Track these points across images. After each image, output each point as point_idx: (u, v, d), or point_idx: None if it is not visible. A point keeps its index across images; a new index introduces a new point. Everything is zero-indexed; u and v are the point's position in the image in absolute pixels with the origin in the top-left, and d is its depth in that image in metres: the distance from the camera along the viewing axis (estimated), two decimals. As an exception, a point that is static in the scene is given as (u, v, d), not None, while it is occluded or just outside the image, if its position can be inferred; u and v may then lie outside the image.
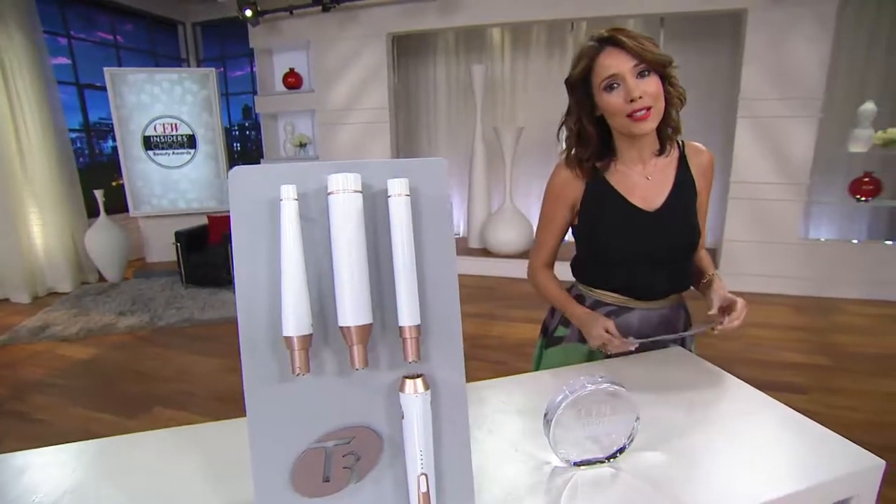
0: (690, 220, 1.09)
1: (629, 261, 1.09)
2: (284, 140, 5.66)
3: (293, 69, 5.40)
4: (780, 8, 3.83)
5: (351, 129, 5.23)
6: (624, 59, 0.94)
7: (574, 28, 5.02)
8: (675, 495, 0.65)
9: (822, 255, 4.09)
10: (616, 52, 0.95)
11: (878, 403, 2.47)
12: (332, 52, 5.06)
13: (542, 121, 5.19)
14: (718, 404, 0.87)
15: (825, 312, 3.75)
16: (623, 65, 0.94)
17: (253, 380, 0.54)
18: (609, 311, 1.14)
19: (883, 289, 3.99)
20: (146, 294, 4.31)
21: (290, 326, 0.52)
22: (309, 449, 0.55)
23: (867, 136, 3.82)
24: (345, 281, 0.53)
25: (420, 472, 0.55)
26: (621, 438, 0.72)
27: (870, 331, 3.42)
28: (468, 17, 4.65)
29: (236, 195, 0.54)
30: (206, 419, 2.38)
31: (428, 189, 0.59)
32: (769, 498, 0.65)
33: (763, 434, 0.79)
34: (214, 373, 2.91)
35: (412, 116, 5.77)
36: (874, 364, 2.90)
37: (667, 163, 1.08)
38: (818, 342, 3.20)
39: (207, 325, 3.66)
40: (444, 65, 5.54)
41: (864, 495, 0.75)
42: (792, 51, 3.87)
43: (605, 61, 0.96)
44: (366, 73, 5.03)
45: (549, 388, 0.95)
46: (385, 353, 0.58)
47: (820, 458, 0.73)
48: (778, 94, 3.92)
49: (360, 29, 4.92)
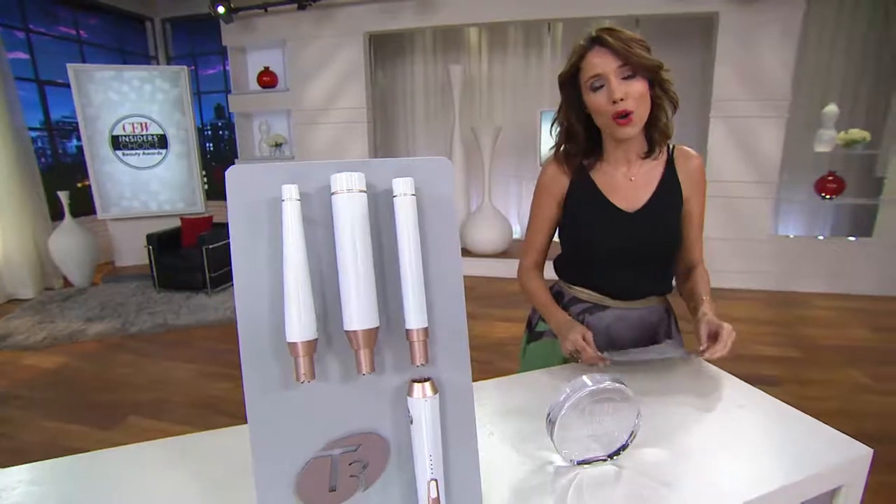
0: (670, 223, 1.08)
1: (606, 259, 1.10)
2: (259, 140, 5.55)
3: (268, 68, 5.30)
4: (748, 12, 3.95)
5: (328, 129, 5.16)
6: (609, 60, 0.94)
7: (551, 29, 5.07)
8: (678, 492, 0.66)
9: (790, 250, 4.24)
10: (603, 51, 0.95)
11: (846, 393, 2.57)
12: (309, 50, 4.99)
13: (520, 121, 5.23)
14: (713, 399, 0.89)
15: (794, 306, 3.89)
16: (608, 65, 0.95)
17: (254, 388, 0.52)
18: (584, 308, 1.15)
19: (846, 282, 4.16)
20: (116, 299, 4.15)
21: (295, 332, 0.50)
22: (314, 458, 0.53)
23: (830, 137, 3.98)
24: (351, 284, 0.51)
25: (430, 478, 0.53)
26: (623, 436, 0.72)
27: (835, 323, 3.55)
28: (445, 17, 4.65)
29: (234, 195, 0.52)
30: (185, 428, 2.32)
31: (432, 188, 0.57)
32: (766, 491, 0.66)
33: (757, 427, 0.81)
34: (192, 380, 2.83)
35: (389, 116, 5.74)
36: (840, 355, 3.01)
37: (653, 165, 1.08)
38: (789, 335, 3.31)
39: (183, 331, 3.55)
40: (422, 64, 5.52)
41: (854, 483, 0.77)
42: (760, 53, 3.99)
43: (592, 60, 0.97)
44: (343, 72, 4.97)
45: (545, 388, 0.96)
46: (391, 357, 0.56)
47: (812, 450, 0.75)
48: (748, 95, 4.04)
49: (337, 28, 4.86)
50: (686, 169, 1.08)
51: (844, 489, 0.77)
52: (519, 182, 5.47)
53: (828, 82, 4.41)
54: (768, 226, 4.29)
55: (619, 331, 1.12)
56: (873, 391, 2.59)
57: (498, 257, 4.85)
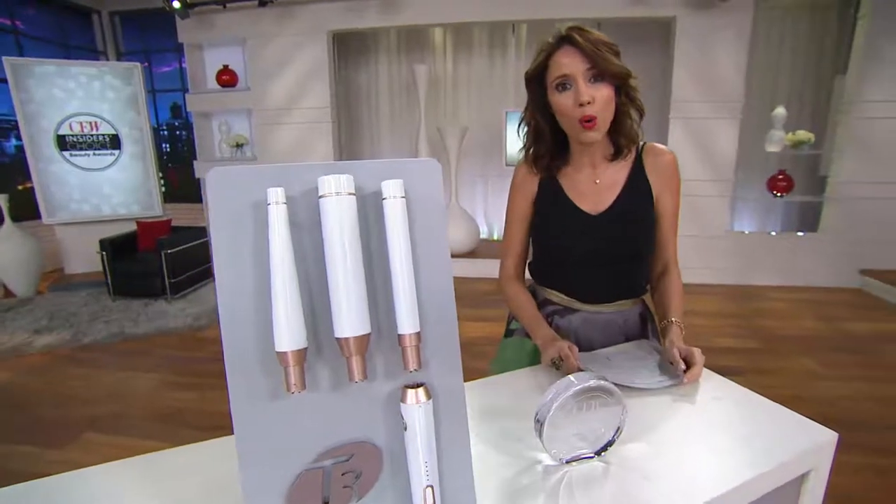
0: (640, 224, 1.07)
1: (573, 262, 1.09)
2: (220, 140, 5.37)
3: (227, 66, 5.13)
4: (703, 17, 4.12)
5: (291, 129, 5.05)
6: (578, 61, 0.93)
7: (515, 30, 5.12)
8: (663, 484, 0.67)
9: (745, 246, 4.44)
10: (572, 52, 0.93)
11: (801, 380, 2.72)
12: (270, 49, 4.86)
13: (486, 121, 5.26)
14: (690, 392, 0.91)
15: (751, 299, 4.08)
16: (576, 66, 0.93)
17: (241, 399, 0.50)
18: (554, 311, 1.15)
19: (797, 275, 4.40)
20: (66, 308, 3.93)
21: (284, 341, 0.48)
22: (306, 470, 0.51)
23: (780, 138, 4.19)
24: (341, 290, 0.50)
25: (426, 485, 0.52)
26: (609, 432, 0.73)
27: (788, 314, 3.75)
28: (410, 17, 4.63)
29: (216, 199, 0.50)
30: (148, 442, 2.22)
31: (421, 190, 0.56)
32: (745, 479, 0.69)
33: (733, 418, 0.84)
34: (153, 390, 2.70)
35: (354, 116, 5.66)
36: (794, 345, 3.18)
37: (620, 167, 1.06)
38: (747, 327, 3.47)
39: (142, 339, 3.39)
40: (386, 64, 5.47)
41: (821, 467, 0.81)
42: (715, 57, 4.17)
43: (559, 59, 0.95)
44: (306, 71, 4.87)
45: (525, 388, 0.96)
46: (382, 363, 0.55)
47: (784, 437, 0.78)
48: (704, 97, 4.21)
49: (299, 26, 4.77)
50: (655, 166, 1.06)
51: (813, 473, 0.80)
52: (485, 182, 5.51)
53: (776, 85, 4.66)
54: (725, 222, 4.49)
55: (587, 333, 1.12)
56: (824, 378, 2.74)
57: (466, 257, 4.87)
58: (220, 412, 2.50)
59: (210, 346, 3.31)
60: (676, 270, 1.13)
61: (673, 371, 0.94)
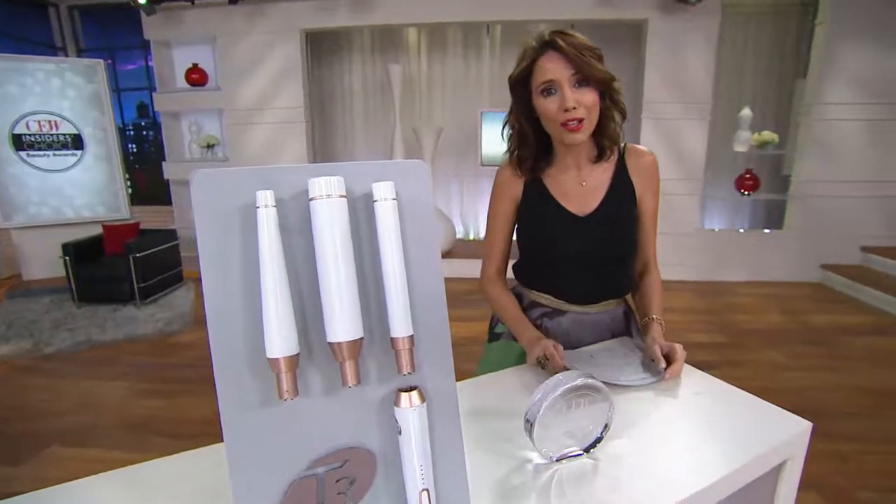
0: (625, 225, 1.09)
1: (561, 264, 1.10)
2: (190, 141, 5.23)
3: (197, 64, 5.00)
4: (673, 20, 4.22)
5: (264, 130, 4.96)
6: (563, 67, 0.94)
7: (490, 31, 5.15)
8: (651, 480, 0.68)
9: (715, 243, 4.58)
10: (557, 57, 0.94)
11: (769, 372, 2.82)
12: (241, 47, 4.76)
13: (460, 122, 5.27)
14: (671, 388, 0.93)
15: (720, 295, 4.21)
16: (561, 72, 0.94)
17: (231, 408, 0.48)
18: (543, 313, 1.15)
19: (763, 271, 4.56)
20: (26, 316, 3.76)
21: (276, 347, 0.47)
22: (299, 478, 0.50)
23: (746, 138, 4.35)
24: (333, 294, 0.49)
25: (421, 489, 0.52)
26: (597, 429, 0.74)
27: (755, 309, 3.88)
28: (383, 17, 4.61)
29: (201, 202, 0.48)
30: (118, 453, 2.14)
31: (410, 192, 0.56)
32: (728, 471, 0.70)
33: (714, 412, 0.86)
34: (123, 399, 2.61)
35: (327, 116, 5.60)
36: (762, 338, 3.30)
37: (604, 168, 1.08)
38: (717, 322, 3.58)
39: (110, 347, 3.27)
40: (360, 63, 5.43)
41: (797, 456, 0.84)
42: (685, 59, 4.28)
43: (544, 65, 0.96)
44: (278, 70, 4.79)
45: (510, 388, 0.97)
46: (374, 367, 0.54)
47: (763, 428, 0.81)
48: (675, 98, 4.32)
49: (271, 24, 4.68)
50: (638, 167, 1.09)
51: (789, 462, 0.83)
52: (460, 182, 5.52)
53: (742, 87, 4.82)
54: (696, 220, 4.62)
55: (577, 334, 1.13)
56: (790, 369, 2.85)
57: (442, 258, 4.87)
58: (194, 419, 2.45)
59: (182, 352, 3.22)
60: (656, 269, 1.16)
61: (655, 368, 0.96)
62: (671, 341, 0.98)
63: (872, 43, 4.18)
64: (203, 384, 2.73)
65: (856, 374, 2.80)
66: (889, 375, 2.77)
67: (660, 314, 1.09)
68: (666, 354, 0.96)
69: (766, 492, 0.84)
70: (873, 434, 2.22)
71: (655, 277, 1.15)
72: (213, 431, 2.01)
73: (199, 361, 3.04)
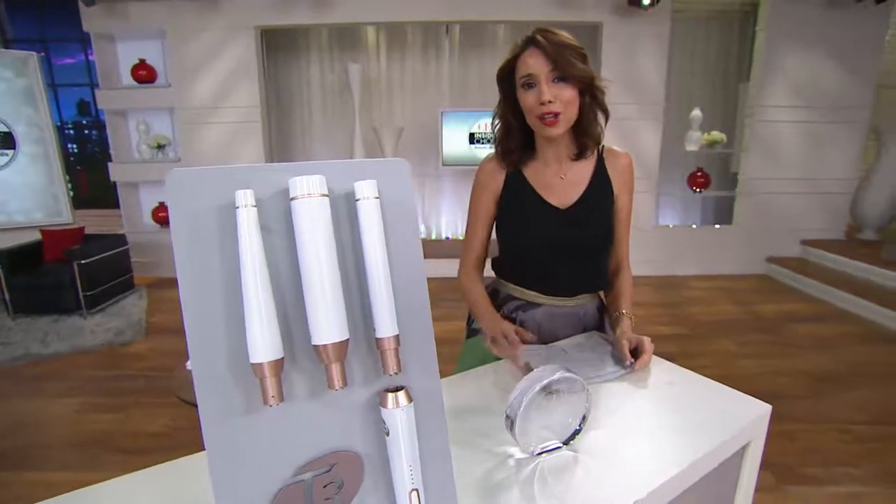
0: (602, 220, 1.12)
1: (540, 255, 1.12)
2: (138, 141, 4.97)
3: (144, 60, 4.76)
4: (627, 24, 4.37)
5: (218, 129, 4.79)
6: (542, 62, 0.97)
7: (449, 31, 5.16)
8: (629, 468, 0.71)
9: (670, 239, 4.78)
10: (537, 53, 0.98)
11: (723, 360, 2.96)
12: (193, 44, 4.57)
13: (421, 122, 5.25)
14: (644, 378, 0.97)
15: (676, 288, 4.39)
16: (540, 67, 0.98)
17: (212, 416, 0.46)
18: (518, 306, 1.18)
19: (714, 265, 4.79)
20: (-46, 331, 3.48)
21: (260, 351, 0.45)
22: (286, 486, 0.49)
23: (697, 138, 4.56)
24: (317, 295, 0.48)
25: (411, 489, 0.52)
26: (575, 422, 0.75)
27: (708, 301, 4.07)
28: (341, 15, 4.54)
29: (176, 203, 0.46)
30: (69, 474, 2.02)
31: (392, 191, 0.55)
32: (700, 454, 0.74)
33: (684, 400, 0.90)
34: (70, 416, 2.45)
35: (284, 116, 5.46)
36: (715, 328, 3.46)
37: (584, 165, 1.11)
38: (676, 314, 3.74)
39: (53, 360, 3.07)
40: (318, 62, 5.32)
41: (758, 437, 0.89)
42: (639, 61, 4.44)
43: (526, 60, 0.99)
44: (233, 68, 4.64)
45: (487, 385, 0.98)
46: (359, 368, 0.54)
47: (728, 413, 0.85)
48: (631, 99, 4.47)
49: (224, 20, 4.52)
50: (615, 167, 1.13)
51: (752, 443, 0.88)
52: (422, 182, 5.50)
53: (692, 89, 5.05)
54: (652, 217, 4.80)
55: (550, 327, 1.16)
56: (742, 357, 3.01)
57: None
58: (150, 433, 2.34)
59: (135, 363, 3.06)
60: (628, 268, 1.21)
61: (623, 361, 0.99)
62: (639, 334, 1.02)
63: (807, 51, 4.47)
64: (159, 395, 2.61)
65: (799, 359, 2.99)
66: (828, 360, 2.97)
67: (629, 309, 1.13)
68: (635, 347, 1.00)
69: (732, 472, 0.88)
70: (816, 414, 2.38)
71: (627, 275, 1.20)
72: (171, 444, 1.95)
73: (154, 371, 2.90)
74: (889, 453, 2.10)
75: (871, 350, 3.10)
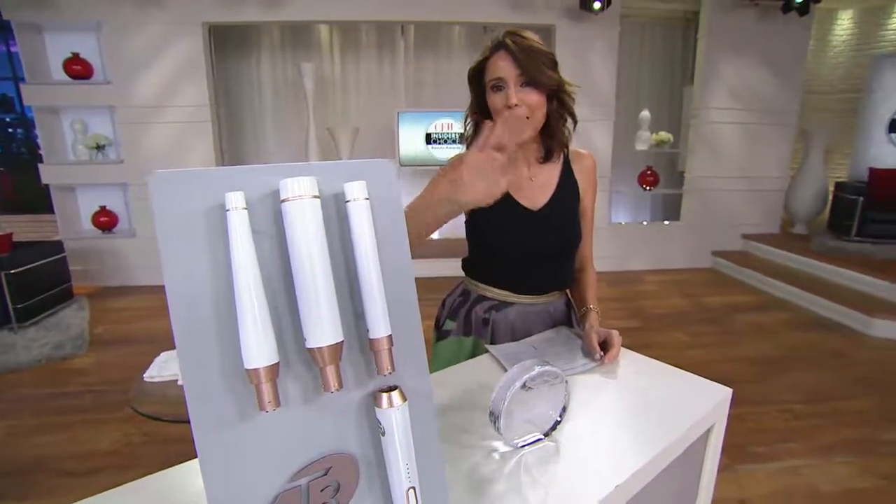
0: (571, 220, 1.16)
1: (510, 255, 1.15)
2: (74, 140, 4.66)
3: (77, 54, 4.44)
4: (579, 27, 4.51)
5: (164, 129, 4.56)
6: (511, 66, 0.99)
7: (404, 31, 5.15)
8: (608, 455, 0.74)
9: (622, 235, 4.96)
10: (506, 56, 0.99)
11: (676, 350, 3.12)
12: (135, 38, 4.33)
13: (377, 122, 5.21)
14: (613, 369, 1.01)
15: (630, 283, 4.57)
16: (509, 71, 0.99)
17: (205, 426, 0.45)
18: (491, 306, 1.19)
19: (664, 259, 5.02)
20: None
21: (255, 357, 0.44)
22: (283, 492, 0.48)
23: (646, 138, 4.77)
24: (311, 298, 0.47)
25: (408, 487, 0.52)
26: (555, 413, 0.78)
27: (660, 295, 4.27)
28: (292, 13, 4.43)
29: (162, 207, 0.44)
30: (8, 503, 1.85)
31: (380, 191, 0.55)
32: (673, 438, 0.78)
33: (652, 388, 0.94)
34: (4, 440, 2.26)
35: (235, 116, 5.27)
36: (667, 321, 3.63)
37: (552, 167, 1.15)
38: (631, 308, 3.89)
39: (-25, 380, 2.83)
40: (270, 61, 5.17)
41: (721, 420, 0.94)
42: (591, 63, 4.59)
43: (496, 62, 1.01)
44: (179, 66, 4.43)
45: (464, 383, 0.99)
46: (350, 370, 0.53)
47: (694, 398, 0.90)
48: (583, 100, 4.56)
49: (168, 15, 4.31)
50: (581, 168, 1.17)
51: (715, 426, 0.93)
52: (380, 182, 5.45)
53: (640, 91, 5.27)
54: (605, 215, 4.97)
55: (523, 325, 1.18)
56: (693, 346, 3.18)
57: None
58: (101, 451, 2.20)
59: (78, 378, 2.87)
60: (592, 264, 1.26)
61: (593, 354, 1.03)
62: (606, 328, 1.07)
63: (742, 58, 4.78)
64: (109, 410, 2.46)
65: (744, 346, 3.19)
66: (768, 346, 3.19)
67: (595, 304, 1.18)
68: (603, 340, 1.04)
69: (698, 454, 0.94)
70: (761, 397, 2.55)
71: (591, 272, 1.25)
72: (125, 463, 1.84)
73: (102, 386, 2.74)
74: (823, 429, 2.29)
75: (804, 336, 3.35)
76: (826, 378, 2.77)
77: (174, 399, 1.50)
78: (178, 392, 1.54)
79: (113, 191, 4.79)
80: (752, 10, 4.64)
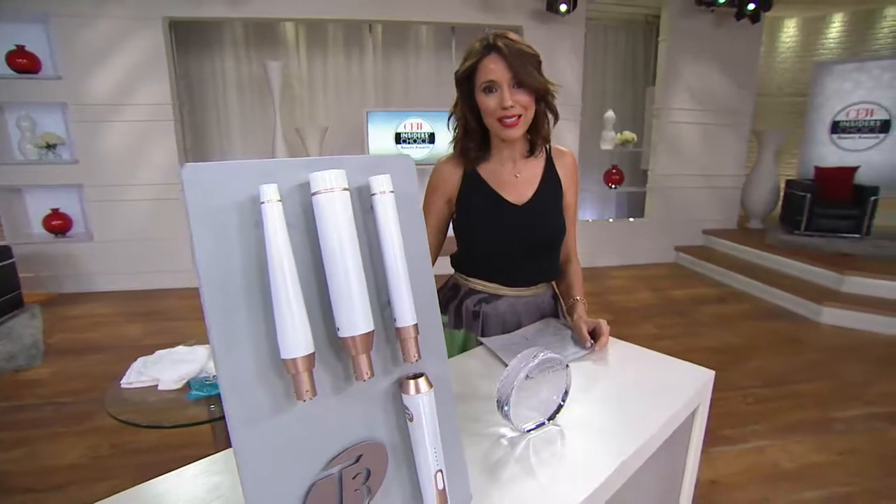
0: (555, 214, 1.20)
1: (498, 249, 1.18)
2: (21, 139, 4.39)
3: (23, 47, 4.18)
4: (546, 29, 4.60)
5: (123, 128, 4.36)
6: (503, 70, 1.02)
7: (372, 30, 5.13)
8: (610, 436, 0.77)
9: (590, 232, 5.09)
10: (498, 59, 1.02)
11: (646, 342, 3.18)
12: (89, 32, 4.13)
13: (345, 122, 5.16)
14: (604, 357, 1.05)
15: (599, 279, 4.70)
16: (502, 74, 1.02)
17: (240, 419, 0.45)
18: (481, 299, 1.22)
19: (630, 255, 5.19)
20: None
21: (292, 347, 0.45)
22: (318, 481, 0.48)
23: (611, 137, 4.91)
24: (343, 288, 0.48)
25: (436, 470, 0.54)
26: (558, 398, 0.81)
27: (628, 289, 4.41)
28: (257, 9, 4.33)
29: (195, 200, 0.44)
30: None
31: (400, 185, 0.57)
32: (664, 420, 0.82)
33: (642, 373, 0.99)
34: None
35: (199, 115, 5.11)
36: (636, 314, 3.76)
37: (535, 163, 1.19)
38: (601, 303, 4.00)
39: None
40: (234, 59, 5.04)
41: (704, 401, 1.00)
42: (558, 64, 4.69)
43: (488, 65, 1.03)
44: (138, 62, 4.25)
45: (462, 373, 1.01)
46: (378, 359, 0.55)
47: (680, 381, 0.95)
48: (552, 101, 4.72)
49: (125, 9, 4.13)
50: (563, 164, 1.22)
51: (700, 407, 0.99)
52: (350, 182, 5.41)
53: (605, 92, 5.43)
54: (574, 212, 5.10)
55: (512, 317, 1.21)
56: (662, 338, 3.31)
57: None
58: (62, 466, 2.10)
59: (35, 390, 2.72)
60: (576, 258, 1.31)
61: (583, 343, 1.07)
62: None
63: (700, 61, 5.00)
64: (72, 423, 2.35)
65: (707, 336, 3.34)
66: (729, 335, 3.36)
67: (581, 296, 1.22)
68: (593, 329, 1.09)
69: (685, 434, 0.99)
70: (725, 383, 2.68)
71: (576, 264, 1.30)
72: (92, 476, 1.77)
73: (60, 398, 2.60)
74: (782, 410, 2.43)
75: (761, 325, 3.54)
76: (783, 363, 2.94)
77: (156, 405, 1.44)
78: (158, 397, 1.49)
79: (66, 192, 4.55)
80: (710, 16, 4.86)
